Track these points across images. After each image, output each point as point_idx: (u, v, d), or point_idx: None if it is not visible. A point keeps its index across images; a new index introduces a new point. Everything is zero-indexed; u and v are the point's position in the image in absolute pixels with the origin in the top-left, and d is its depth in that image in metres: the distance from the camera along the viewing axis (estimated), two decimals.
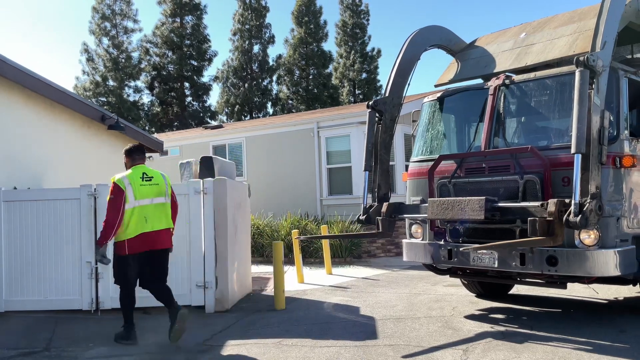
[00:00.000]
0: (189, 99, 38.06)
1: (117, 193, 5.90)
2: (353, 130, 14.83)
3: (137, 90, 36.63)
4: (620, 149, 5.86)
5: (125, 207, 5.89)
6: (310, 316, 7.35)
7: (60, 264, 7.64)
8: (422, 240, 7.02)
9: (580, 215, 5.18)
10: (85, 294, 7.56)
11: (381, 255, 13.89)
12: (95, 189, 7.63)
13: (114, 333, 6.26)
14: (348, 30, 40.73)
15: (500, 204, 5.90)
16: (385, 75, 40.12)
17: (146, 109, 37.20)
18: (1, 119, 8.41)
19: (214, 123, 34.30)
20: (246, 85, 37.86)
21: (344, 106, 28.25)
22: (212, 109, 38.77)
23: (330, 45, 55.07)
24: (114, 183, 5.95)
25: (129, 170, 6.13)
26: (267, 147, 16.62)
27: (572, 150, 5.28)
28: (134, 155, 6.22)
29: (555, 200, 5.43)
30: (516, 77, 6.70)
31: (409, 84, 7.62)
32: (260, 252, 13.54)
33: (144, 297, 7.62)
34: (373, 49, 41.39)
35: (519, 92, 6.63)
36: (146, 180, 6.07)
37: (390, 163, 7.75)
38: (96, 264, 7.32)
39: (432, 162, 6.82)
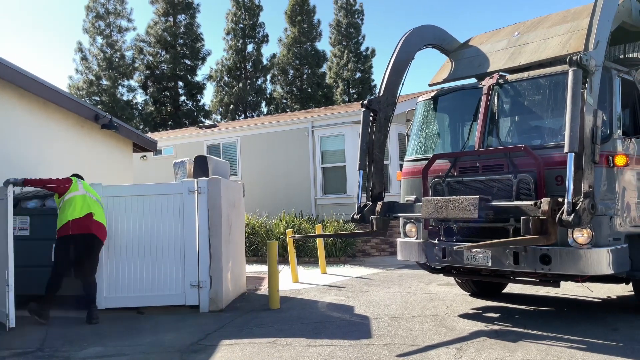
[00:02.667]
0: (183, 98, 37.97)
1: (65, 178, 7.55)
2: (347, 129, 14.83)
3: (131, 89, 36.53)
4: (613, 148, 5.89)
5: (68, 195, 7.31)
6: (305, 315, 7.35)
7: None
8: (417, 239, 7.03)
9: (573, 214, 5.20)
10: None
11: (375, 255, 13.91)
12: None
13: (110, 333, 6.35)
14: (342, 29, 40.78)
15: (493, 203, 5.92)
16: (379, 75, 40.13)
17: (140, 108, 37.08)
18: None
19: (208, 122, 34.25)
20: (240, 84, 37.79)
21: (338, 105, 28.27)
22: (206, 108, 38.72)
23: (324, 44, 55.16)
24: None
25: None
26: (262, 147, 16.60)
27: (566, 149, 5.30)
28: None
29: (548, 199, 5.45)
30: (510, 77, 6.72)
31: (403, 83, 7.64)
32: (255, 251, 13.53)
33: (134, 297, 7.63)
34: (367, 49, 41.54)
35: (512, 91, 6.65)
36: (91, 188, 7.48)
37: (385, 162, 7.75)
38: None
39: (427, 161, 6.83)
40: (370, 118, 7.40)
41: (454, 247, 6.22)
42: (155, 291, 7.67)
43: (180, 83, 37.47)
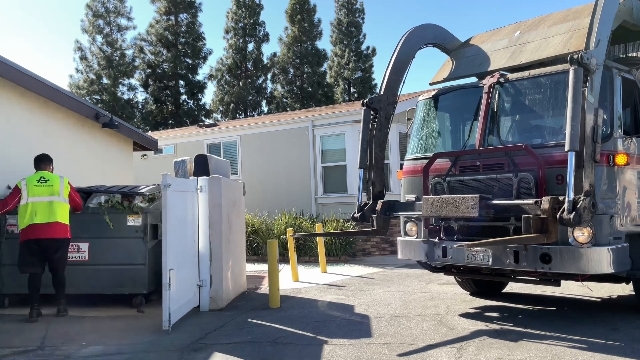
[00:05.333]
0: (184, 97, 37.96)
1: (14, 190, 7.39)
2: (348, 128, 14.83)
3: (131, 88, 36.53)
4: (613, 147, 5.88)
5: (20, 202, 7.25)
6: (305, 314, 7.35)
7: None
8: (417, 238, 7.03)
9: (574, 213, 5.19)
10: None
11: (376, 254, 13.90)
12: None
13: (110, 332, 6.40)
14: (343, 28, 40.75)
15: (494, 202, 5.91)
16: (380, 74, 40.23)
17: (140, 107, 37.09)
18: None
19: (208, 121, 34.26)
20: (241, 83, 37.79)
21: (339, 105, 28.25)
22: (207, 107, 38.73)
23: (324, 43, 55.15)
24: (16, 184, 7.43)
25: (31, 174, 7.45)
26: (262, 146, 16.60)
27: (566, 148, 5.29)
28: (37, 164, 7.51)
29: (549, 197, 5.44)
30: (510, 76, 6.71)
31: (403, 82, 7.63)
32: (255, 250, 13.53)
33: (174, 311, 7.51)
34: (368, 48, 41.50)
35: (513, 90, 6.64)
36: (41, 182, 7.29)
37: (385, 162, 7.74)
38: None
39: (427, 160, 6.82)
40: (371, 117, 7.39)
41: (455, 246, 6.22)
42: (185, 297, 7.17)
43: (181, 82, 37.48)
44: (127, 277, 7.67)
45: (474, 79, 7.65)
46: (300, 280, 10.28)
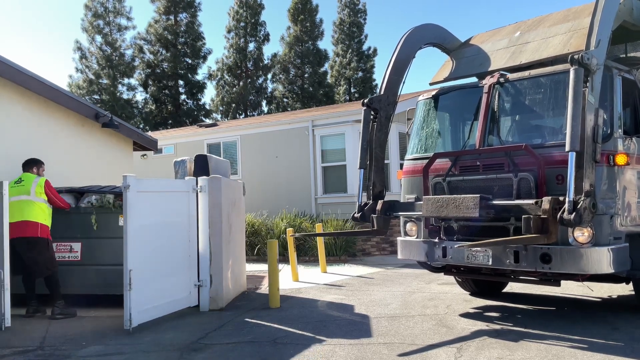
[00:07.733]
0: (183, 97, 37.95)
1: None
2: (348, 128, 14.82)
3: (131, 88, 36.48)
4: (614, 147, 5.88)
5: None
6: (305, 314, 7.35)
7: None
8: (417, 238, 7.03)
9: (574, 213, 5.19)
10: None
11: (376, 254, 13.90)
12: None
13: (110, 332, 6.40)
14: (345, 28, 40.79)
15: (494, 202, 5.91)
16: (380, 75, 39.95)
17: (140, 107, 37.06)
18: None
19: (208, 121, 34.24)
20: (241, 83, 37.78)
21: (339, 104, 28.24)
22: (207, 107, 38.71)
23: (325, 43, 55.10)
24: None
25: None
26: (262, 146, 16.59)
27: (567, 148, 5.29)
28: (23, 167, 7.77)
29: (549, 197, 5.44)
30: (511, 76, 6.71)
31: (404, 82, 7.63)
32: (255, 250, 13.52)
33: (154, 308, 7.48)
34: (369, 48, 41.55)
35: (513, 90, 6.64)
36: (16, 184, 7.50)
37: (385, 161, 7.74)
38: None
39: (427, 160, 6.82)
40: (371, 117, 7.39)
41: (455, 246, 6.21)
42: (169, 297, 7.21)
43: (181, 82, 37.45)
44: (120, 278, 7.62)
45: (474, 79, 7.65)
46: (300, 280, 10.28)
